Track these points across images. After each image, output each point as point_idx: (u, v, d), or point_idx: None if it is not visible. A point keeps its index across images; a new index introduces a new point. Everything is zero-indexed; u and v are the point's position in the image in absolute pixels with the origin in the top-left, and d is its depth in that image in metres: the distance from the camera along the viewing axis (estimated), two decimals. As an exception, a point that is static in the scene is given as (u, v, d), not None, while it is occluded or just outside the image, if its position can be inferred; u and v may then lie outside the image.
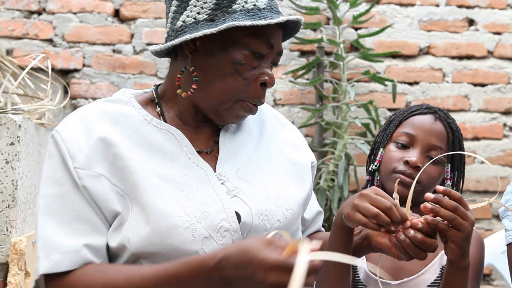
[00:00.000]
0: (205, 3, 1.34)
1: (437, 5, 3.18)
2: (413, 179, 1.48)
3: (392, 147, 1.67)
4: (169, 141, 1.37)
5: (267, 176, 1.43)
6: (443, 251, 1.45)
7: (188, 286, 1.16)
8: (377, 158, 1.69)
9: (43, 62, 2.77)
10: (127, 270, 1.25)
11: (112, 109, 1.37)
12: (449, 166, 1.66)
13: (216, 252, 1.14)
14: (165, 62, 3.00)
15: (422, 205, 1.28)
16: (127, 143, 1.33)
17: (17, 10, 2.98)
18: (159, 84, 1.49)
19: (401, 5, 3.17)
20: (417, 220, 1.27)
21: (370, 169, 1.72)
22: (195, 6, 1.35)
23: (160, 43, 1.40)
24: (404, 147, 1.65)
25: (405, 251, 1.29)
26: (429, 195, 1.28)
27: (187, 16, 1.36)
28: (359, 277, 1.61)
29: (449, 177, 1.66)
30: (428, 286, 1.56)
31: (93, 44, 3.01)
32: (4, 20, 2.97)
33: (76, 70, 3.00)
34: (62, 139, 1.31)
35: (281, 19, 1.33)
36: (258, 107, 1.42)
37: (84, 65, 3.00)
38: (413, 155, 1.61)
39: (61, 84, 2.88)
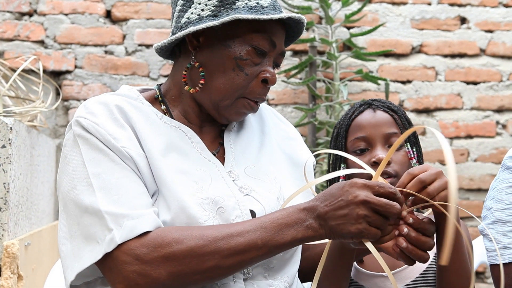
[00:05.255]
0: (209, 0, 1.37)
1: (429, 4, 3.18)
2: (391, 176, 1.54)
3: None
4: (180, 137, 1.39)
5: (273, 171, 1.46)
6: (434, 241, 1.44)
7: (285, 229, 1.22)
8: (342, 175, 1.63)
9: (34, 64, 2.76)
10: (215, 225, 1.28)
11: (126, 103, 1.38)
12: (408, 145, 1.64)
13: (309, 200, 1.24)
14: (157, 63, 2.99)
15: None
16: (147, 132, 1.35)
17: (8, 11, 2.96)
18: (161, 84, 1.50)
19: (393, 3, 3.18)
20: (408, 215, 1.23)
21: None
22: (199, 4, 1.38)
23: (151, 44, 1.40)
24: (363, 151, 1.63)
25: (408, 258, 1.25)
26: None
27: (191, 13, 1.39)
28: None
29: (413, 156, 1.65)
30: (421, 274, 1.56)
31: (85, 45, 3.00)
32: (-5, 22, 2.96)
33: (68, 72, 2.98)
34: (96, 124, 1.30)
35: (283, 15, 1.36)
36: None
37: (76, 67, 2.99)
38: (377, 153, 1.59)
39: (53, 86, 2.87)
